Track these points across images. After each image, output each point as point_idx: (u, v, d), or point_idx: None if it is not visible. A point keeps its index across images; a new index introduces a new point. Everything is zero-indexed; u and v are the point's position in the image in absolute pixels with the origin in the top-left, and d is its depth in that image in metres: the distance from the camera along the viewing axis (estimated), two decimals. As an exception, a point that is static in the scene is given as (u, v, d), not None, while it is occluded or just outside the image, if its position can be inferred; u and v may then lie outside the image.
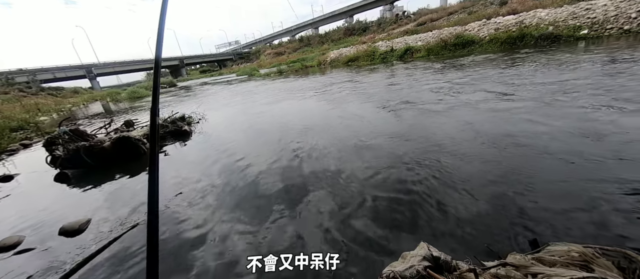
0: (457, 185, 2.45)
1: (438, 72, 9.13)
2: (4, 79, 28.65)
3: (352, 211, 2.33)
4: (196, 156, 4.52)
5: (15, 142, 7.15)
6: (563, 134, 3.07)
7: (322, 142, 4.08)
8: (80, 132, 4.97)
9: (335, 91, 9.04)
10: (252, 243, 2.10)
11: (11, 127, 8.88)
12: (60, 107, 17.47)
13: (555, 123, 3.38)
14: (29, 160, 5.76)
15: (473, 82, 6.49)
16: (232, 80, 25.86)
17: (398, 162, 3.04)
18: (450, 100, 5.31)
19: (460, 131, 3.69)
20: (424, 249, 1.32)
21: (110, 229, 2.59)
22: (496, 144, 3.11)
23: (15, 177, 4.64)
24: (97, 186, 3.76)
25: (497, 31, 14.75)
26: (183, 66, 55.47)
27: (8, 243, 2.55)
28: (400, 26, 33.61)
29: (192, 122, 6.85)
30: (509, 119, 3.78)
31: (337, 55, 24.45)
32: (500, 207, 2.07)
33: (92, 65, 43.95)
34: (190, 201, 2.92)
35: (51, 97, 23.55)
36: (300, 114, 6.56)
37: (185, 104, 11.81)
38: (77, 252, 2.32)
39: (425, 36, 19.16)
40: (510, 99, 4.72)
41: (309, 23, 59.05)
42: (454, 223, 2.00)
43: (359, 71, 14.94)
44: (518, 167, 2.56)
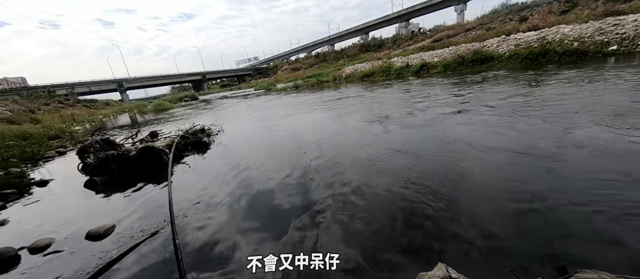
0: (481, 203, 2.36)
1: (464, 87, 8.98)
2: (46, 92, 31.46)
3: (363, 225, 2.30)
4: (214, 166, 4.67)
5: (52, 150, 7.74)
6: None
7: (332, 154, 4.10)
8: (110, 142, 5.32)
9: (347, 104, 9.11)
10: (263, 248, 2.11)
11: (49, 135, 9.66)
12: (92, 118, 18.83)
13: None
14: (63, 167, 6.20)
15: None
16: (250, 94, 26.81)
17: (404, 179, 2.99)
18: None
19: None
20: (442, 270, 1.28)
21: (132, 235, 2.71)
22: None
23: (49, 183, 4.99)
24: (122, 193, 3.96)
25: (517, 47, 14.43)
26: (205, 80, 58.37)
27: (40, 245, 2.72)
28: (416, 42, 33.74)
29: (211, 134, 7.12)
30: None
31: (352, 70, 24.80)
32: (527, 229, 1.96)
33: (124, 80, 47.39)
34: (207, 209, 3.00)
35: (85, 108, 25.48)
36: (313, 127, 6.65)
37: (205, 117, 12.34)
38: (101, 256, 2.44)
39: (442, 52, 19.07)
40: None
41: (325, 40, 60.80)
42: (474, 244, 1.91)
43: (372, 86, 15.02)
44: (551, 189, 2.43)
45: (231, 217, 2.82)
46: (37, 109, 18.94)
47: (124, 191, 4.02)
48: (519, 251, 1.79)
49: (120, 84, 46.10)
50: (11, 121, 12.59)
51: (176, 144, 5.77)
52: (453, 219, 2.22)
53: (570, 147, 3.22)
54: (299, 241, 2.23)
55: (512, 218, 2.15)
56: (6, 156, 6.46)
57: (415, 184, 2.89)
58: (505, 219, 2.15)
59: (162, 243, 2.51)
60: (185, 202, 3.29)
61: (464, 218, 2.22)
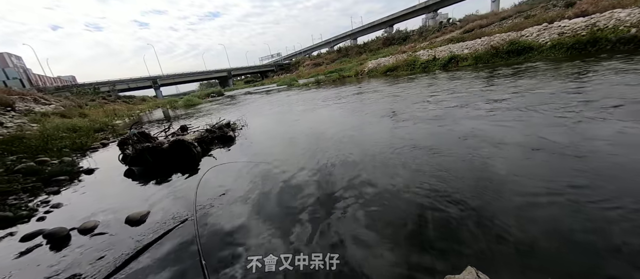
0: (518, 203, 2.18)
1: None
2: (92, 89, 34.70)
3: (385, 224, 2.24)
4: (239, 159, 4.84)
5: (97, 141, 8.53)
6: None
7: (350, 150, 4.04)
8: (145, 135, 5.72)
9: (367, 100, 8.91)
10: (282, 238, 2.15)
11: (95, 128, 10.66)
12: (131, 112, 20.43)
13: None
14: (106, 157, 6.81)
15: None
16: (272, 90, 27.34)
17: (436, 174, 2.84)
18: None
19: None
20: (472, 274, 1.20)
21: (164, 222, 2.90)
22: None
23: (95, 171, 5.51)
24: (156, 183, 4.26)
25: (561, 36, 13.07)
26: (230, 77, 60.57)
27: (87, 226, 3.02)
28: (444, 34, 32.01)
29: (236, 128, 7.38)
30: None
31: (375, 65, 24.21)
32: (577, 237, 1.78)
33: (157, 77, 50.71)
34: (233, 201, 3.12)
35: (125, 104, 27.73)
36: (332, 121, 6.61)
37: (230, 112, 12.82)
38: (138, 239, 2.64)
39: (473, 43, 17.88)
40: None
41: (347, 34, 59.87)
42: (510, 248, 1.77)
43: (395, 81, 14.53)
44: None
45: (253, 208, 2.90)
46: (84, 105, 20.99)
47: (157, 181, 4.32)
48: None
49: (155, 81, 49.42)
50: (64, 115, 14.07)
51: (203, 137, 6.06)
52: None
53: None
54: (315, 235, 2.23)
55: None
56: (60, 146, 7.23)
57: (427, 183, 2.75)
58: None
59: (191, 230, 2.65)
60: (212, 192, 3.45)
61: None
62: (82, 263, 2.41)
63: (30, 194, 4.32)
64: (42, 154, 6.35)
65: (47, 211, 3.66)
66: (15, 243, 2.89)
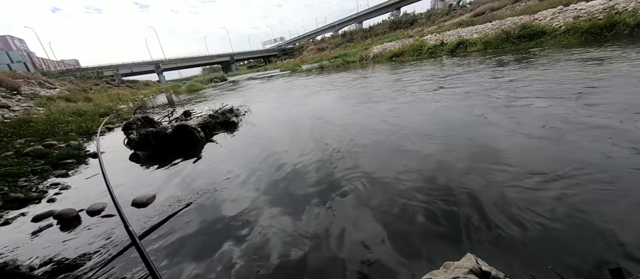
0: (520, 189, 2.17)
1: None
2: (95, 73, 34.65)
3: (385, 208, 2.25)
4: (242, 145, 4.86)
5: (102, 126, 8.61)
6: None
7: (352, 134, 4.02)
8: (149, 119, 5.75)
9: (369, 85, 8.76)
10: (284, 221, 2.19)
11: (100, 113, 10.75)
12: (134, 97, 20.46)
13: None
14: (112, 140, 6.90)
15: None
16: (275, 75, 27.02)
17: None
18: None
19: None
20: (472, 261, 1.21)
21: (170, 204, 2.97)
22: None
23: (102, 155, 5.59)
24: (160, 167, 4.32)
25: (576, 19, 12.50)
26: (233, 62, 59.78)
27: (95, 208, 3.11)
28: (453, 18, 30.87)
29: (239, 114, 7.36)
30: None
31: (380, 50, 23.64)
32: (579, 223, 1.77)
33: (160, 61, 50.30)
34: (237, 185, 3.16)
35: (128, 88, 27.73)
36: (333, 106, 6.55)
37: (233, 97, 12.76)
38: (145, 220, 2.72)
39: (483, 27, 17.26)
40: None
41: (352, 17, 58.10)
42: (510, 236, 1.78)
43: (401, 67, 14.20)
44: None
45: (256, 192, 2.94)
46: (89, 89, 21.05)
47: (162, 165, 4.38)
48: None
49: (157, 66, 49.08)
50: (69, 99, 14.17)
51: (207, 123, 6.07)
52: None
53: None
54: (317, 219, 2.26)
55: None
56: (67, 130, 7.33)
57: (419, 170, 2.74)
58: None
59: (196, 213, 2.71)
60: (216, 177, 3.49)
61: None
62: (92, 242, 2.50)
63: (39, 176, 4.43)
64: (50, 138, 6.46)
65: (57, 193, 3.77)
66: (28, 222, 3.00)
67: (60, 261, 2.27)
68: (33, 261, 2.30)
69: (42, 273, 2.14)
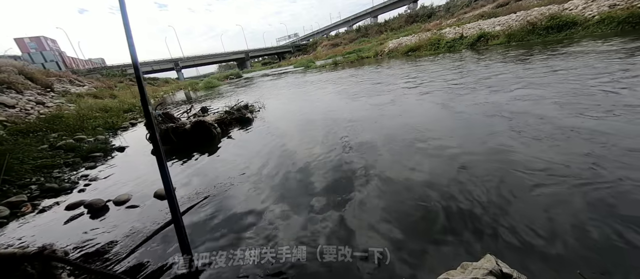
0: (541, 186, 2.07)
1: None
2: (120, 71, 36.42)
3: (396, 204, 2.22)
4: (257, 140, 4.95)
5: (126, 121, 9.08)
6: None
7: (364, 134, 3.97)
8: (169, 115, 5.98)
9: (384, 86, 8.59)
10: (298, 215, 2.21)
11: (124, 109, 11.32)
12: (155, 94, 21.35)
13: None
14: (135, 136, 7.25)
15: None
16: (289, 72, 27.16)
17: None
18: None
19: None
20: (491, 262, 1.17)
21: (188, 197, 3.09)
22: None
23: (126, 149, 5.91)
24: (179, 161, 4.50)
25: (612, 8, 11.57)
26: (248, 59, 60.74)
27: (121, 199, 3.29)
28: (474, 9, 29.54)
29: (254, 110, 7.49)
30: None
31: (396, 45, 23.10)
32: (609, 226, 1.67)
33: (179, 59, 52.04)
34: (251, 180, 3.24)
35: (149, 86, 28.96)
36: (346, 104, 6.49)
37: (248, 94, 12.98)
38: (166, 211, 2.85)
39: (506, 19, 16.41)
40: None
41: (367, 12, 57.08)
42: (533, 237, 1.70)
43: (417, 62, 13.80)
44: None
45: (271, 186, 2.99)
46: (114, 86, 22.20)
47: (181, 159, 4.55)
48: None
49: (176, 63, 50.83)
50: (96, 96, 15.04)
51: (223, 119, 6.23)
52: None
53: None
54: (329, 213, 2.27)
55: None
56: (94, 125, 7.79)
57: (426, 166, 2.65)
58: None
59: (212, 206, 2.81)
60: (233, 172, 3.59)
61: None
62: (118, 230, 2.66)
63: (71, 168, 4.75)
64: (79, 132, 6.89)
65: (87, 184, 4.03)
66: (61, 211, 3.23)
67: (91, 247, 2.44)
68: (67, 246, 2.48)
69: (75, 257, 2.30)
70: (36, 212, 3.28)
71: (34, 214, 3.23)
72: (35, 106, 9.74)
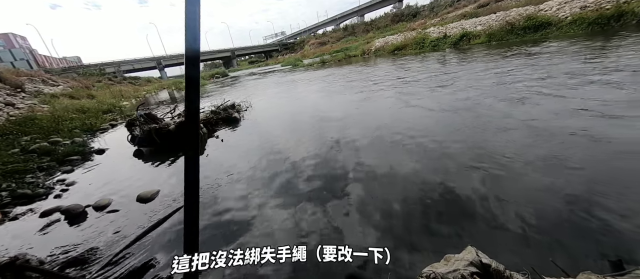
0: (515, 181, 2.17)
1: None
2: (98, 70, 34.74)
3: (381, 198, 2.27)
4: (244, 140, 4.89)
5: (106, 122, 8.68)
6: None
7: (349, 127, 4.02)
8: (152, 116, 5.78)
9: (367, 79, 8.70)
10: (286, 215, 2.21)
11: (103, 110, 10.81)
12: (137, 94, 20.52)
13: None
14: (115, 137, 6.96)
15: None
16: (276, 70, 26.89)
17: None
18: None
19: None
20: (472, 253, 1.22)
21: (174, 199, 3.01)
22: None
23: (106, 151, 5.66)
24: (163, 163, 4.37)
25: (583, 10, 12.24)
26: (234, 57, 59.49)
27: (101, 204, 3.16)
28: (457, 9, 30.31)
29: (241, 109, 7.37)
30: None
31: (382, 43, 23.40)
32: (579, 216, 1.78)
33: (161, 58, 50.23)
34: (240, 180, 3.19)
35: (131, 85, 27.79)
36: (332, 101, 6.52)
37: (235, 93, 12.75)
38: (150, 215, 2.76)
39: (487, 19, 16.98)
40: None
41: (354, 10, 57.36)
42: (510, 228, 1.79)
43: (401, 60, 14.06)
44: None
45: (259, 186, 2.97)
46: (91, 86, 21.15)
47: (165, 161, 4.42)
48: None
49: (159, 62, 49.06)
50: (72, 96, 14.27)
51: (209, 119, 6.09)
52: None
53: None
54: (317, 212, 2.28)
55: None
56: (71, 127, 7.40)
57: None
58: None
59: (200, 209, 2.74)
60: (220, 172, 3.52)
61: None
62: (99, 237, 2.55)
63: (46, 173, 4.49)
64: (54, 135, 6.53)
65: (63, 189, 3.83)
66: (36, 218, 3.06)
67: (68, 255, 2.32)
68: (42, 254, 2.36)
69: (51, 267, 2.19)
70: (8, 220, 3.09)
71: (6, 223, 3.04)
72: (4, 107, 9.12)
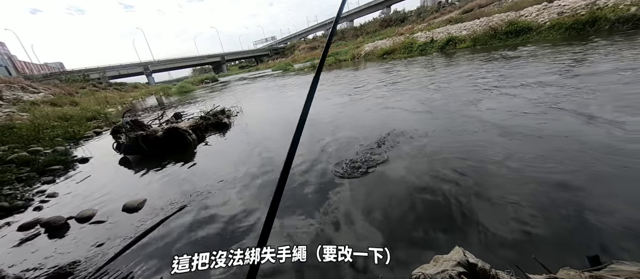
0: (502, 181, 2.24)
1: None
2: (81, 76, 33.67)
3: (370, 203, 2.29)
4: (235, 146, 4.83)
5: (90, 130, 8.40)
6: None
7: (340, 130, 4.05)
8: (139, 123, 5.64)
9: (357, 83, 8.82)
10: (278, 220, 2.20)
11: (87, 117, 10.47)
12: (123, 100, 20.00)
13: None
14: (100, 145, 6.74)
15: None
16: (267, 75, 26.84)
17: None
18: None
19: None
20: (459, 254, 1.25)
21: (162, 208, 2.93)
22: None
23: (90, 160, 5.47)
24: (151, 171, 4.26)
25: (560, 16, 12.86)
26: (224, 62, 59.01)
27: (85, 215, 3.04)
28: (443, 15, 31.24)
29: (231, 115, 7.30)
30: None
31: (371, 48, 23.77)
32: (559, 216, 1.84)
33: (149, 63, 49.25)
34: (230, 186, 3.15)
35: (117, 91, 27.05)
36: (323, 105, 6.56)
37: (224, 98, 12.62)
38: (137, 225, 2.68)
39: (472, 24, 17.56)
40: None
41: (343, 16, 58.18)
42: (494, 228, 1.84)
43: (389, 64, 14.33)
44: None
45: (250, 192, 2.93)
46: (75, 92, 20.46)
47: (153, 169, 4.31)
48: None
49: (146, 67, 48.04)
50: (54, 103, 13.76)
51: (198, 125, 6.00)
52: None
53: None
54: (309, 216, 2.28)
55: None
56: (53, 136, 7.12)
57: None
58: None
59: (189, 216, 2.69)
60: (210, 179, 3.46)
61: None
62: (82, 250, 2.45)
63: (25, 184, 4.30)
64: (34, 144, 6.27)
65: (43, 201, 3.67)
66: (13, 232, 2.92)
67: (49, 270, 2.22)
68: (20, 270, 2.24)
69: (30, 283, 2.09)
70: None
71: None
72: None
